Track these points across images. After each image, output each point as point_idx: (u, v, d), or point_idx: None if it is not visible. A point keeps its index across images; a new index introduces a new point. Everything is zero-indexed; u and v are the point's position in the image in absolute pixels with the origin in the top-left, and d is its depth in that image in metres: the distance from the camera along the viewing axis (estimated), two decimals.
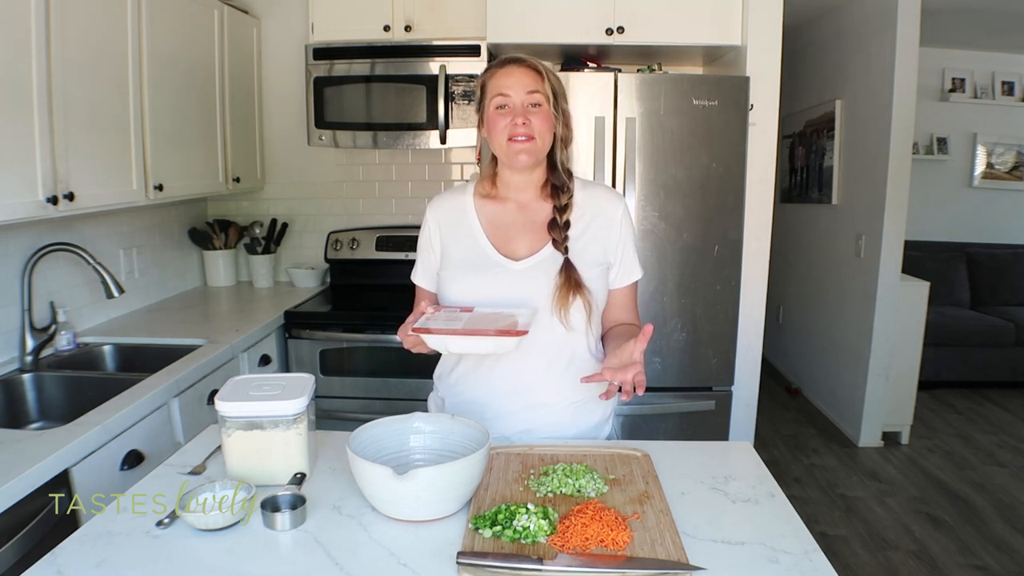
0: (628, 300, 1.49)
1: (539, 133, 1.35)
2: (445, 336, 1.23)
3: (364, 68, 2.86)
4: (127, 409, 1.64)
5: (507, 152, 1.37)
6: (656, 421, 2.71)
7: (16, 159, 1.69)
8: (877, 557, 2.66)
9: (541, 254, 1.39)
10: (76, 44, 1.88)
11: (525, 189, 1.44)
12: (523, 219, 1.43)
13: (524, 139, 1.34)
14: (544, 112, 1.36)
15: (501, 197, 1.45)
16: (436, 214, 1.48)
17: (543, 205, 1.43)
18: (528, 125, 1.34)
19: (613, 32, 2.68)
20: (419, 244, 1.51)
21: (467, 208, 1.45)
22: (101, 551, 0.99)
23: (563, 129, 1.41)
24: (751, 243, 2.71)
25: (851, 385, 3.81)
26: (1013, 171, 5.29)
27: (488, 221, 1.43)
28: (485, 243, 1.41)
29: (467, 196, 1.47)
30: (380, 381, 2.70)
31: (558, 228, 1.39)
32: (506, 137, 1.35)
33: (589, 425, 1.48)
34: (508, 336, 1.20)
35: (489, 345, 1.23)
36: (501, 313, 1.29)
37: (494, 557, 0.95)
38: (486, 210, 1.45)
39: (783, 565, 0.97)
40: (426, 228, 1.49)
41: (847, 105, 3.99)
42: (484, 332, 1.21)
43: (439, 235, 1.46)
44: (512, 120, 1.34)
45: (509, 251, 1.40)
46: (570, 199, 1.41)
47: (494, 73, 1.39)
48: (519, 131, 1.34)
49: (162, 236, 2.90)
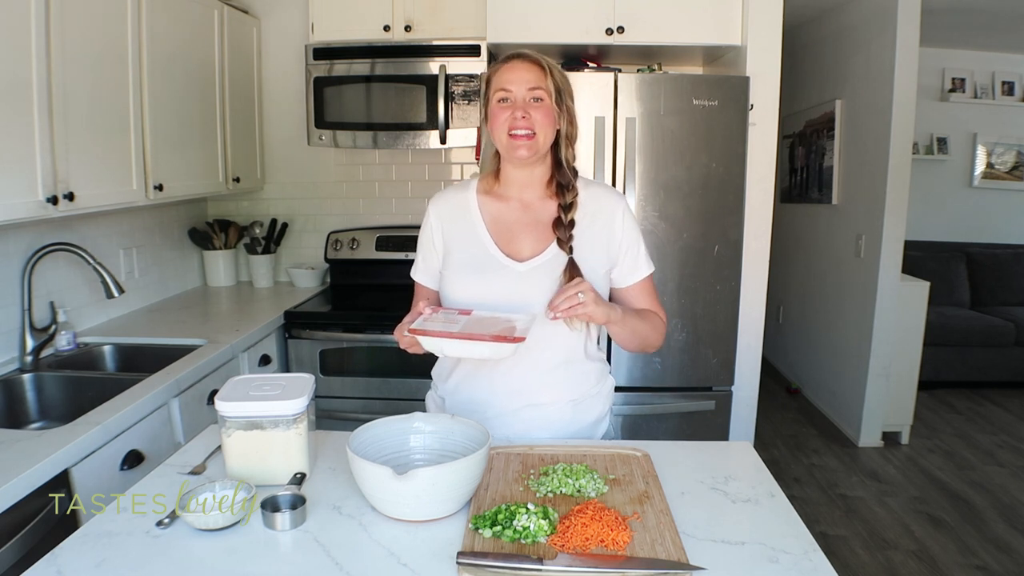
0: (645, 294, 1.48)
1: (540, 128, 1.35)
2: (442, 339, 1.22)
3: (364, 68, 2.86)
4: (127, 409, 1.64)
5: (507, 146, 1.36)
6: (656, 421, 2.71)
7: (16, 159, 1.69)
8: (877, 557, 2.66)
9: (545, 255, 1.39)
10: (76, 44, 1.88)
11: (529, 186, 1.43)
12: (527, 218, 1.42)
13: (524, 133, 1.34)
14: (546, 107, 1.35)
15: (504, 195, 1.45)
16: (439, 211, 1.47)
17: (547, 204, 1.43)
18: (528, 119, 1.34)
19: (613, 32, 2.68)
20: (420, 241, 1.50)
21: (470, 206, 1.44)
22: (101, 551, 0.99)
23: (568, 126, 1.40)
24: (751, 243, 2.71)
25: (851, 385, 3.81)
26: (1013, 171, 5.29)
27: (491, 219, 1.43)
28: (489, 243, 1.40)
29: (470, 193, 1.46)
30: (380, 381, 2.70)
31: (563, 227, 1.38)
32: (506, 131, 1.35)
33: (587, 422, 1.48)
34: (505, 342, 1.19)
35: (485, 350, 1.21)
36: (499, 318, 1.28)
37: (494, 557, 0.95)
38: (489, 208, 1.44)
39: (783, 565, 0.97)
40: (428, 225, 1.48)
41: (847, 105, 3.99)
42: (481, 337, 1.20)
43: (441, 232, 1.45)
44: (512, 114, 1.34)
45: (513, 251, 1.40)
46: (575, 197, 1.40)
47: (498, 68, 1.38)
48: (519, 124, 1.34)
49: (162, 236, 2.90)
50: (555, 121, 1.37)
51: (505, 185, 1.45)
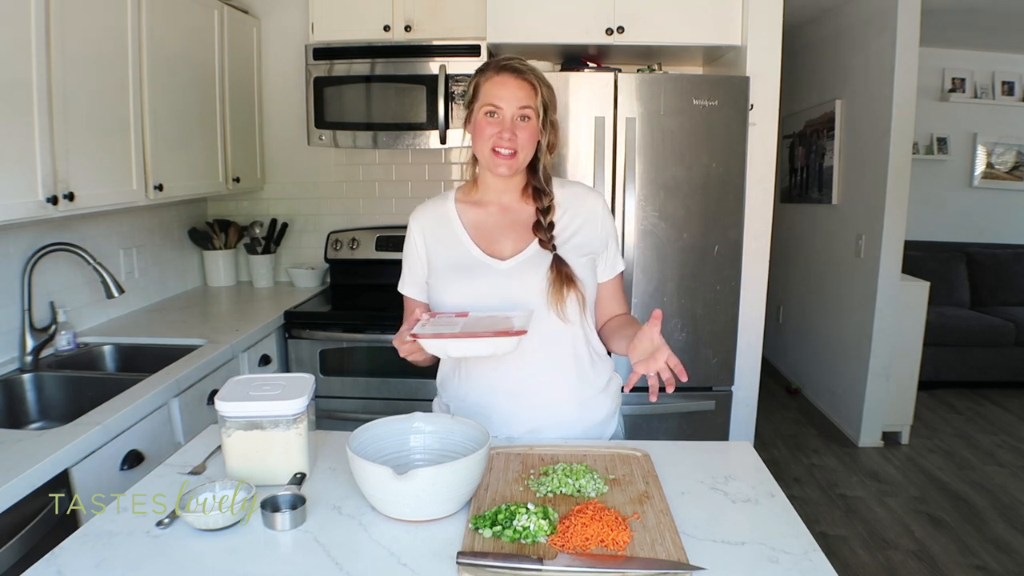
0: (616, 291, 1.53)
1: (522, 147, 1.38)
2: (444, 340, 1.23)
3: (364, 68, 2.86)
4: (127, 409, 1.64)
5: (489, 161, 1.40)
6: (656, 421, 2.71)
7: (16, 159, 1.69)
8: (877, 557, 2.66)
9: (527, 252, 1.41)
10: (76, 44, 1.88)
11: (506, 192, 1.47)
12: (506, 220, 1.45)
13: (507, 153, 1.37)
14: (531, 127, 1.39)
15: (483, 200, 1.48)
16: (420, 223, 1.50)
17: (524, 206, 1.46)
18: (514, 140, 1.37)
19: (613, 32, 2.68)
20: (405, 255, 1.53)
21: (450, 214, 1.48)
22: (101, 551, 0.99)
23: (548, 137, 1.43)
24: (751, 243, 2.71)
25: (851, 385, 3.81)
26: (1013, 171, 5.29)
27: (472, 225, 1.46)
28: (470, 245, 1.43)
29: (449, 203, 1.50)
30: (380, 381, 2.70)
31: (543, 229, 1.41)
32: (490, 147, 1.38)
33: (595, 421, 1.48)
34: (507, 336, 1.20)
35: (488, 347, 1.23)
36: (497, 316, 1.30)
37: (494, 557, 0.95)
38: (469, 214, 1.47)
39: (783, 565, 0.97)
40: (411, 238, 1.51)
41: (847, 105, 3.99)
42: (483, 334, 1.21)
43: (424, 243, 1.48)
44: (499, 132, 1.37)
45: (494, 251, 1.42)
46: (551, 201, 1.44)
47: (489, 78, 1.40)
48: (504, 144, 1.37)
49: (162, 236, 2.90)
50: (538, 137, 1.41)
51: (483, 191, 1.48)
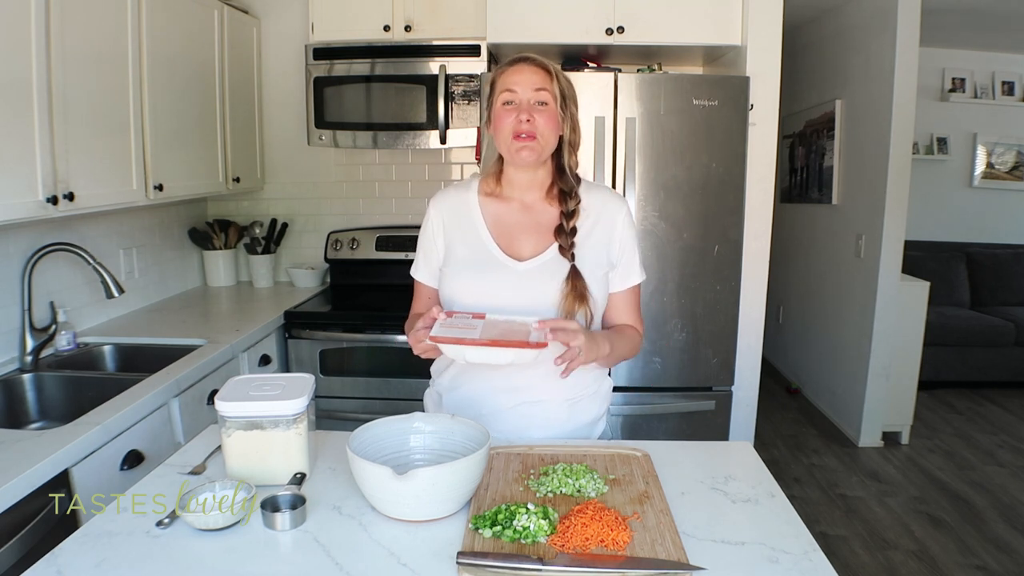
0: (629, 303, 1.49)
1: (542, 132, 1.35)
2: (464, 346, 1.22)
3: (364, 68, 2.86)
4: (127, 409, 1.64)
5: (510, 149, 1.36)
6: (656, 421, 2.71)
7: (16, 159, 1.69)
8: (877, 557, 2.66)
9: (545, 255, 1.39)
10: (76, 44, 1.88)
11: (530, 189, 1.44)
12: (528, 220, 1.43)
13: (527, 137, 1.34)
14: (550, 111, 1.35)
15: (506, 196, 1.45)
16: (440, 210, 1.47)
17: (547, 207, 1.43)
18: (532, 123, 1.34)
19: (613, 32, 2.68)
20: (421, 239, 1.50)
21: (471, 205, 1.45)
22: (101, 551, 0.99)
23: (571, 133, 1.40)
24: (751, 243, 2.71)
25: (851, 385, 3.81)
26: (1013, 171, 5.29)
27: (493, 220, 1.43)
28: (490, 242, 1.41)
29: (471, 193, 1.46)
30: (380, 381, 2.70)
31: (565, 234, 1.38)
32: (510, 134, 1.35)
33: (583, 422, 1.48)
34: (528, 348, 1.19)
35: (509, 356, 1.21)
36: (514, 320, 1.28)
37: (494, 557, 0.95)
38: (490, 208, 1.44)
39: (783, 565, 0.97)
40: (429, 223, 1.48)
41: (847, 105, 3.99)
42: (504, 343, 1.20)
43: (443, 231, 1.45)
44: (517, 117, 1.34)
45: (513, 251, 1.40)
46: (577, 205, 1.40)
47: (504, 71, 1.38)
48: (523, 128, 1.34)
49: (162, 236, 2.90)
50: (559, 126, 1.37)
51: (507, 187, 1.45)
